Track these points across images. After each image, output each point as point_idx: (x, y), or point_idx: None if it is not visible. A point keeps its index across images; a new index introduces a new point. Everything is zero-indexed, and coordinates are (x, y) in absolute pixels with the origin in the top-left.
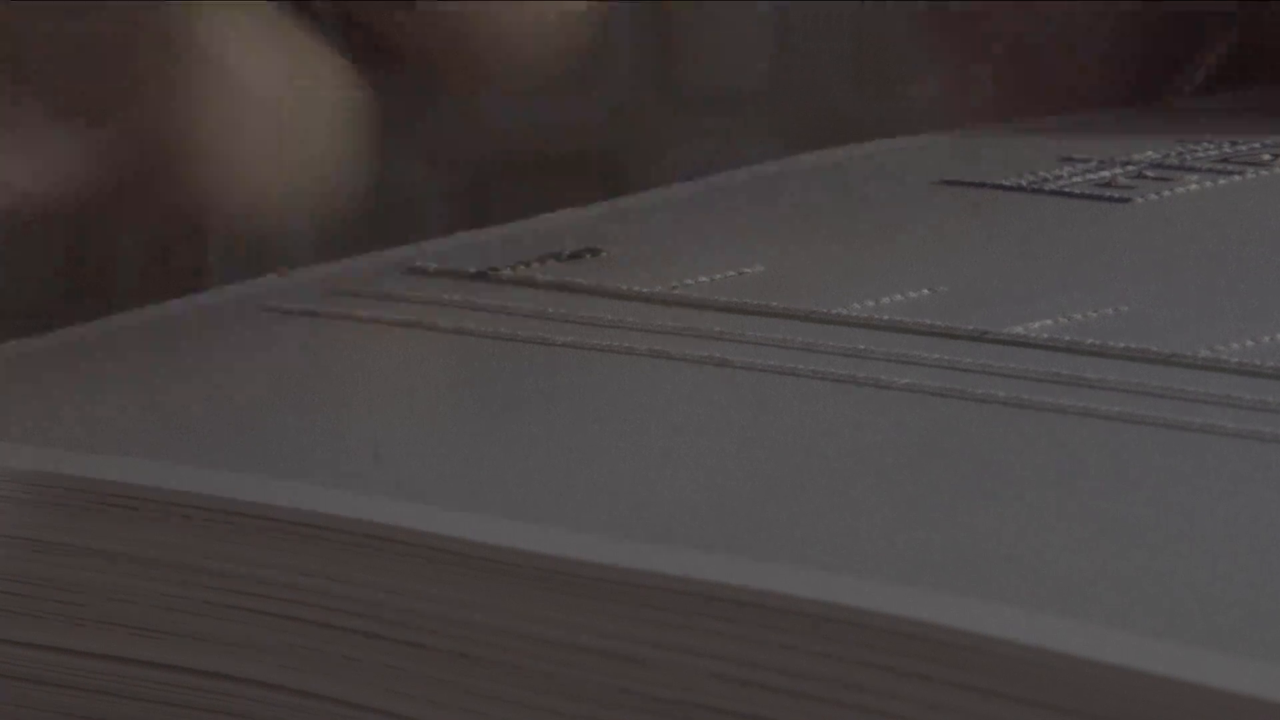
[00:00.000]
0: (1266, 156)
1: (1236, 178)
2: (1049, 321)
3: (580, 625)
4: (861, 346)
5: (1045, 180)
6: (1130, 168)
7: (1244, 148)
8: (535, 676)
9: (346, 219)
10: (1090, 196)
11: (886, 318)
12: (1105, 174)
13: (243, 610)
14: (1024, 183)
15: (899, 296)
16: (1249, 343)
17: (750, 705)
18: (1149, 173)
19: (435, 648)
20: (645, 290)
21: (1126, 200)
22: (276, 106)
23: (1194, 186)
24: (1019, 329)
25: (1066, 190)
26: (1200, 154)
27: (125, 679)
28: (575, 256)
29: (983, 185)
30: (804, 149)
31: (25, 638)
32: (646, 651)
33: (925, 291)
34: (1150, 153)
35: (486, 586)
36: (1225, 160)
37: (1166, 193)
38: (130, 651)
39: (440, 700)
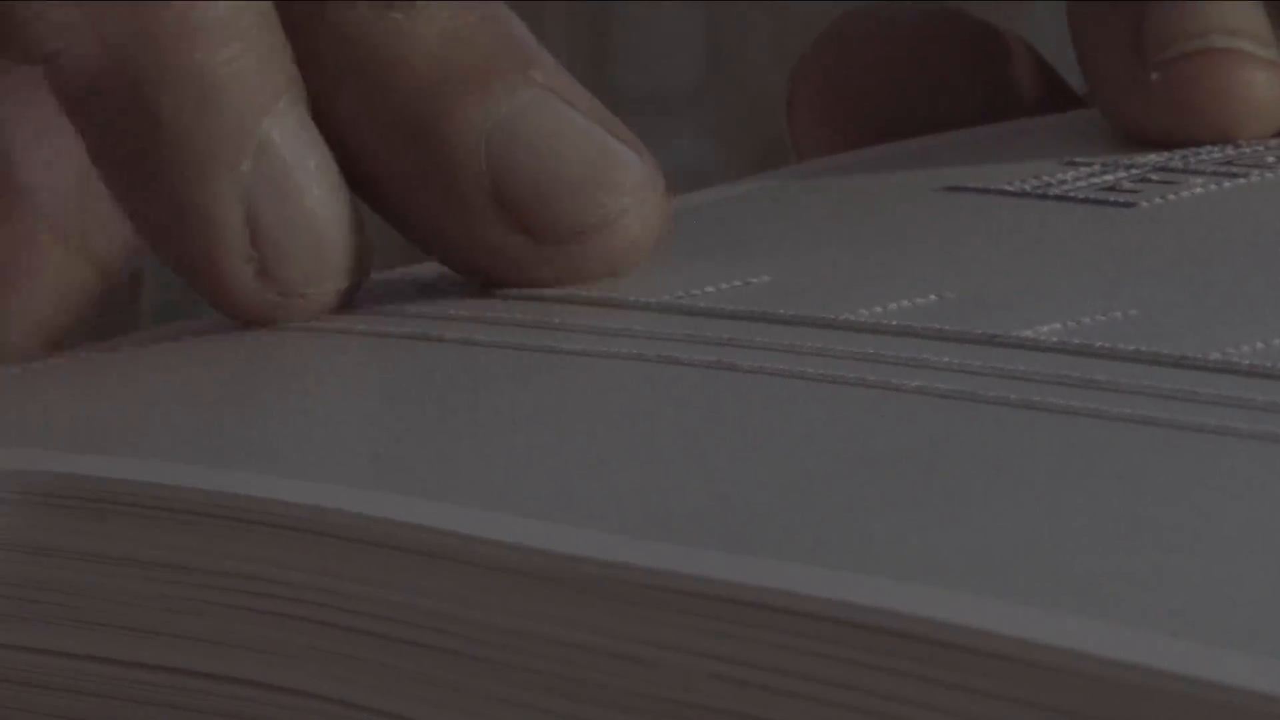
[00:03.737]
0: (1271, 159)
1: (1241, 180)
2: (1058, 325)
3: (583, 624)
4: (870, 350)
5: (1049, 185)
6: (1135, 171)
7: (1248, 150)
8: (536, 676)
9: None
10: (1095, 201)
11: (895, 323)
12: (1109, 178)
13: (242, 610)
14: (1028, 188)
15: (906, 302)
16: (1259, 345)
17: (753, 706)
18: (1153, 176)
19: (436, 646)
20: (652, 300)
21: (1132, 205)
22: None
23: (1199, 189)
24: (1028, 332)
25: (1071, 195)
26: (1204, 156)
27: (125, 682)
28: None
29: (987, 191)
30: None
31: (25, 642)
32: (652, 652)
33: (933, 297)
34: (1154, 156)
35: (490, 585)
36: (1229, 163)
37: (1171, 196)
38: (131, 654)
39: (439, 700)
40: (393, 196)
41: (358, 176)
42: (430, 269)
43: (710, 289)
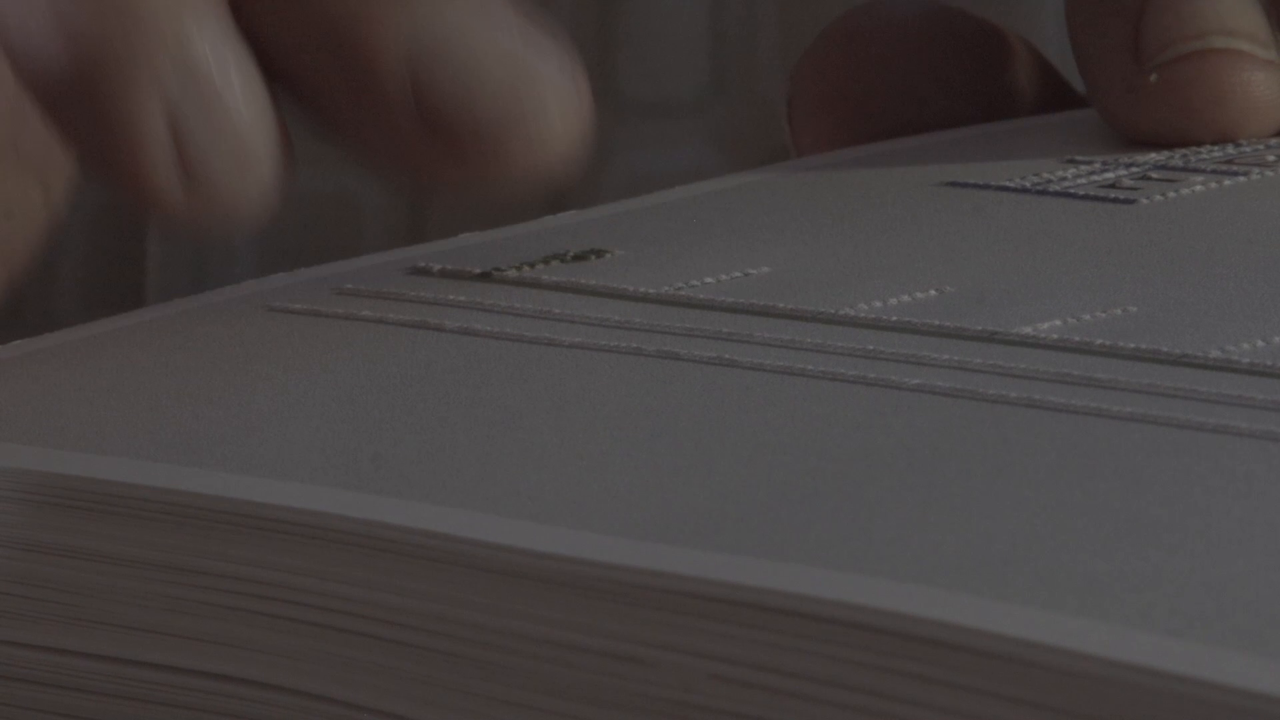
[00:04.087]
0: (1271, 157)
1: (1241, 178)
2: (1058, 322)
3: (582, 625)
4: (870, 347)
5: (1050, 182)
6: (1135, 169)
7: (1248, 148)
8: (536, 677)
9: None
10: (1095, 198)
11: (894, 318)
12: (1110, 175)
13: (241, 610)
14: (1028, 184)
15: (906, 297)
16: (1260, 343)
17: (753, 706)
18: (1154, 174)
19: (434, 648)
20: (651, 291)
21: (1132, 202)
22: None
23: (1199, 188)
24: (1028, 329)
25: (1071, 192)
26: (1204, 155)
27: (124, 680)
28: (580, 258)
29: (986, 187)
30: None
31: (25, 639)
32: (651, 652)
33: (932, 292)
34: (1154, 154)
35: (489, 587)
36: (1230, 161)
37: (1172, 194)
38: (130, 653)
39: (437, 701)
40: (313, 100)
41: (279, 77)
42: (425, 251)
43: (710, 280)
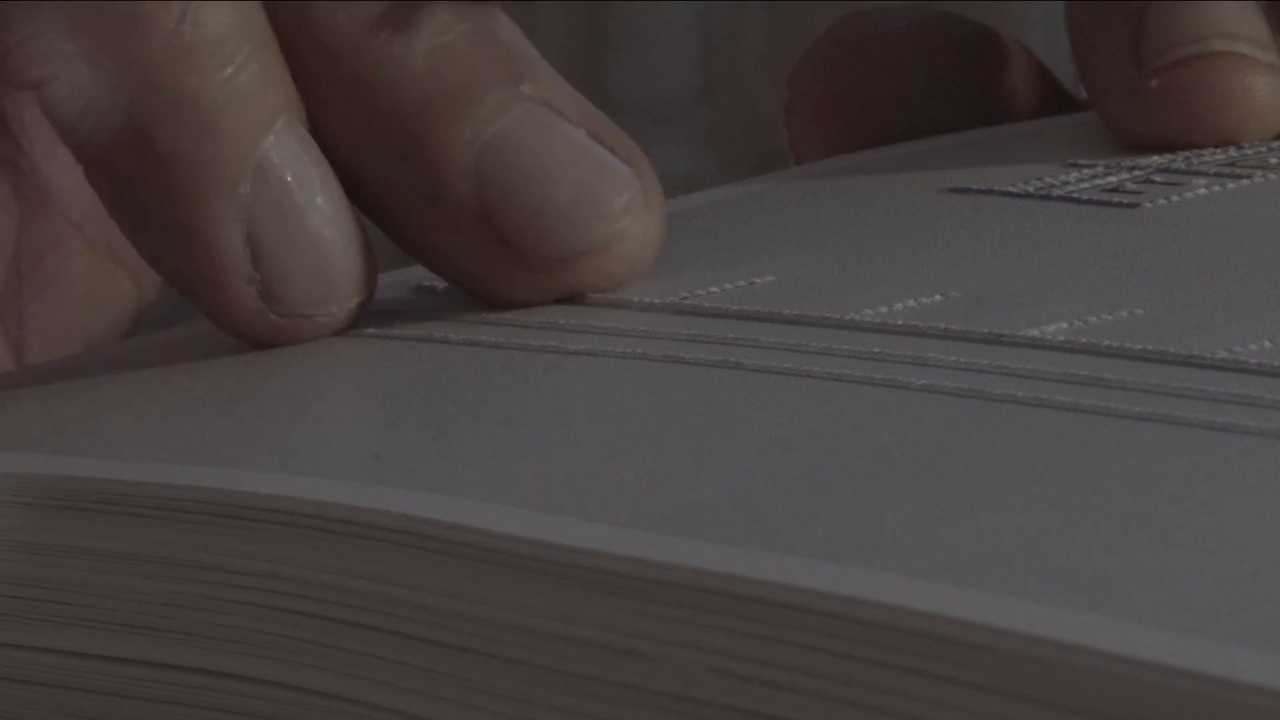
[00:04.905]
0: (1274, 160)
1: (1244, 181)
2: (1064, 324)
3: (584, 618)
4: (877, 349)
5: (1052, 186)
6: (1138, 172)
7: (1251, 151)
8: (541, 671)
9: None
10: (1098, 202)
11: (900, 322)
12: (1113, 179)
13: (245, 605)
14: (1031, 189)
15: (911, 302)
16: (1266, 343)
17: (756, 702)
18: (1157, 177)
19: (439, 641)
20: (656, 301)
21: (1135, 206)
22: None
23: (1202, 191)
24: (1034, 331)
25: (1074, 196)
26: (1207, 158)
27: (128, 679)
28: None
29: (989, 192)
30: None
31: (28, 641)
32: (653, 646)
33: (938, 297)
34: (1157, 157)
35: (491, 579)
36: (1232, 164)
37: (1175, 197)
38: (132, 652)
39: (442, 695)
40: (386, 211)
41: (351, 190)
42: (417, 271)
43: (715, 289)
